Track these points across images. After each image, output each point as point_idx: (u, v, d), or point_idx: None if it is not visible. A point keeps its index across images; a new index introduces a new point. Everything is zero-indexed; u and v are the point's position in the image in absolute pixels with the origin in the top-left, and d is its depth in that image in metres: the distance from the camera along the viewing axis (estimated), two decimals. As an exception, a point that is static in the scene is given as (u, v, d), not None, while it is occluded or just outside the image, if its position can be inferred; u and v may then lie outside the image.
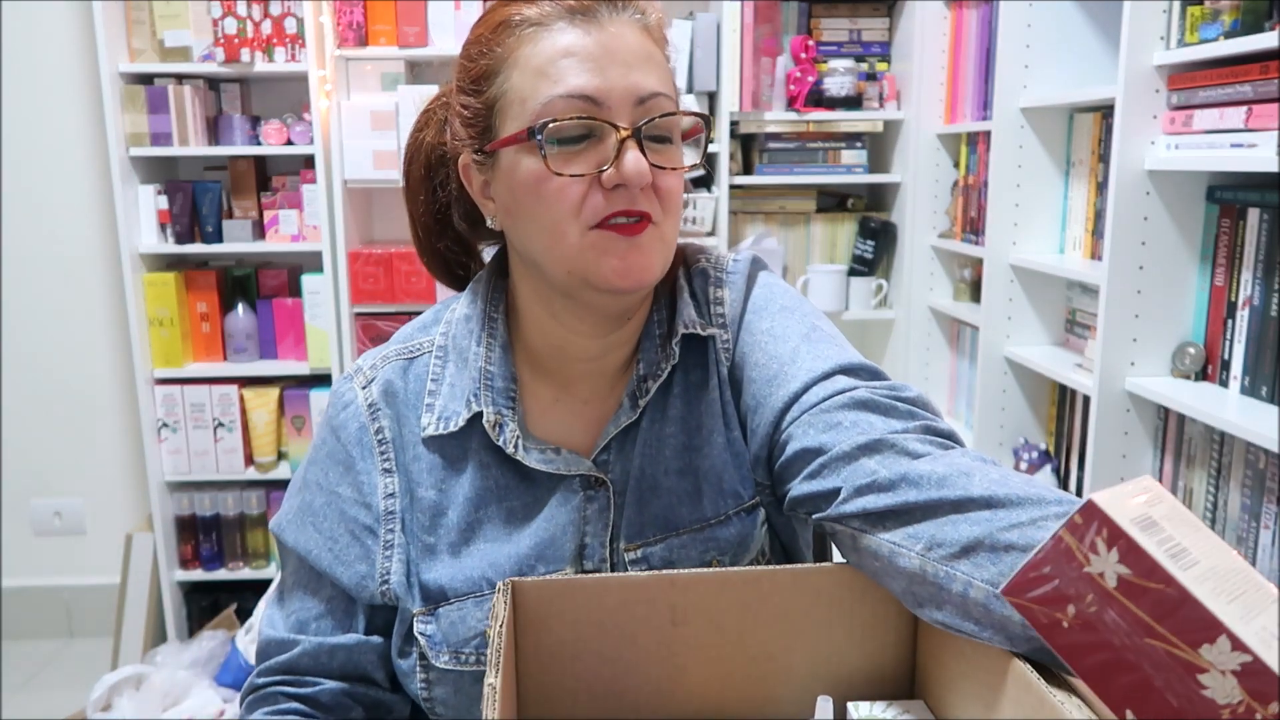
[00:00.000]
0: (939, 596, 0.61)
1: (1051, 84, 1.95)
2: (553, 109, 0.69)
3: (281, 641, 0.80)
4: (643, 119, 0.70)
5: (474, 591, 0.76)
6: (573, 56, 0.69)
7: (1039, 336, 2.07)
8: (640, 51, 0.71)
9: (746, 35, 2.39)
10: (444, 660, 0.75)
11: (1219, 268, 1.53)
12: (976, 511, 0.61)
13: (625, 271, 0.71)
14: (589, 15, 0.70)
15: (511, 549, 0.76)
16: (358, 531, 0.78)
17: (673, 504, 0.78)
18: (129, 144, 2.30)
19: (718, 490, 0.78)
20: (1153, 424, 1.65)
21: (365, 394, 0.80)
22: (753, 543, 0.79)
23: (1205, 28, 1.45)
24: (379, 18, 2.29)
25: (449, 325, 0.82)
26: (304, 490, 0.81)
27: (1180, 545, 0.46)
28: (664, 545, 0.77)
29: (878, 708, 0.67)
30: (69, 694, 2.29)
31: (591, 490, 0.77)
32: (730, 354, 0.80)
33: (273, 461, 2.45)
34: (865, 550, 0.66)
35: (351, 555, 0.78)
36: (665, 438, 0.78)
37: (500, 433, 0.76)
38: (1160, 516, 0.48)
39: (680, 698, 0.68)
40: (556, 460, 0.77)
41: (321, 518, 0.79)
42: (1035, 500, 0.60)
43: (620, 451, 0.78)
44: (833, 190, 2.64)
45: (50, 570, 2.67)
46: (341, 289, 2.38)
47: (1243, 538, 1.45)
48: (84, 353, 2.59)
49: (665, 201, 0.72)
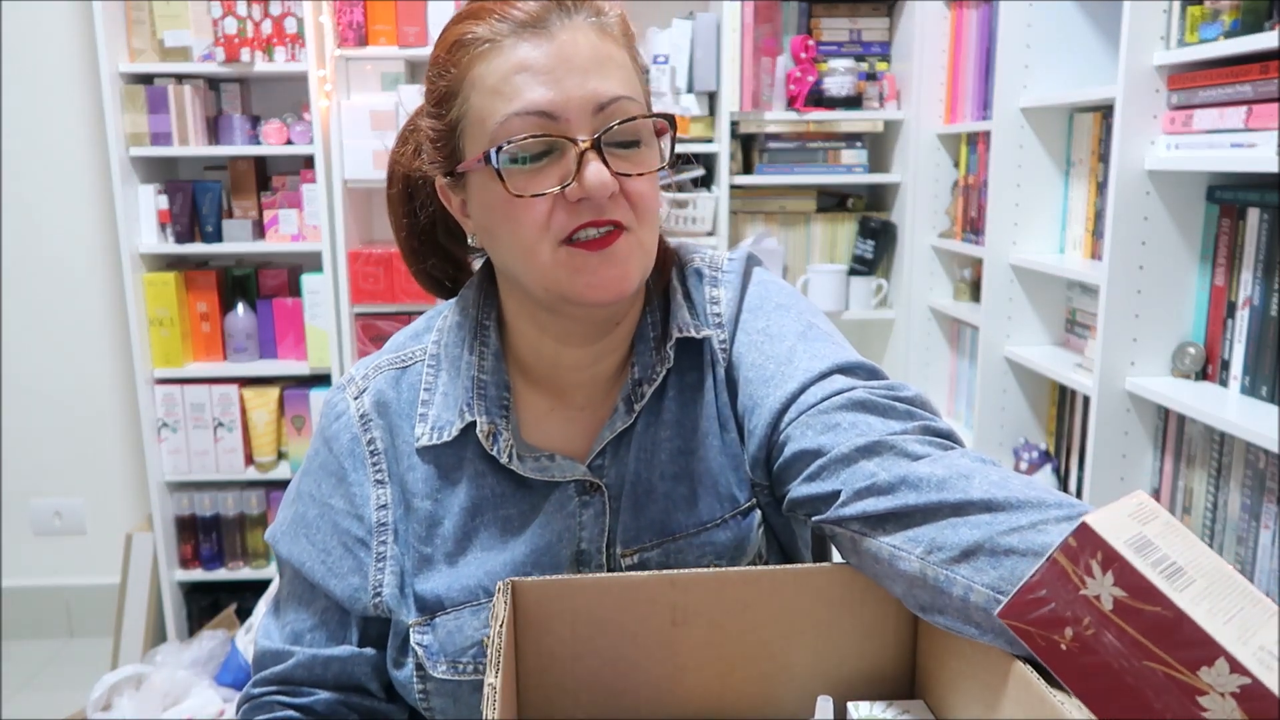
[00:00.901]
0: (940, 601, 0.61)
1: (1051, 84, 1.95)
2: (510, 128, 0.68)
3: (277, 652, 0.80)
4: (603, 126, 0.68)
5: (470, 600, 0.75)
6: (526, 71, 0.68)
7: (1039, 336, 2.07)
8: (597, 55, 0.69)
9: (746, 35, 2.39)
10: (441, 670, 0.75)
11: (1219, 268, 1.53)
12: (976, 515, 0.61)
13: (601, 286, 0.70)
14: (540, 26, 0.68)
15: (508, 557, 0.76)
16: (350, 544, 0.78)
17: (669, 509, 0.77)
18: (129, 144, 2.30)
19: (714, 494, 0.78)
20: (1153, 424, 1.65)
21: (357, 404, 0.79)
22: (749, 545, 0.78)
23: (1205, 28, 1.45)
24: (379, 17, 2.29)
25: (440, 333, 0.81)
26: (297, 501, 0.81)
27: (1175, 564, 0.46)
28: (660, 550, 0.77)
29: (878, 708, 0.67)
30: (69, 694, 2.29)
31: (587, 496, 0.77)
32: (727, 354, 0.80)
33: (273, 461, 2.45)
34: (866, 553, 0.66)
35: (344, 568, 0.78)
36: (660, 442, 0.78)
37: (494, 442, 0.76)
38: (1154, 534, 0.48)
39: (680, 698, 0.68)
40: (551, 467, 0.76)
41: (315, 530, 0.79)
42: (1035, 504, 0.60)
43: (615, 456, 0.78)
44: (833, 190, 2.64)
45: (50, 570, 2.67)
46: (341, 289, 2.38)
47: (1243, 538, 1.45)
48: (84, 353, 2.59)
49: (638, 206, 0.71)
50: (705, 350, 0.79)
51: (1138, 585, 0.46)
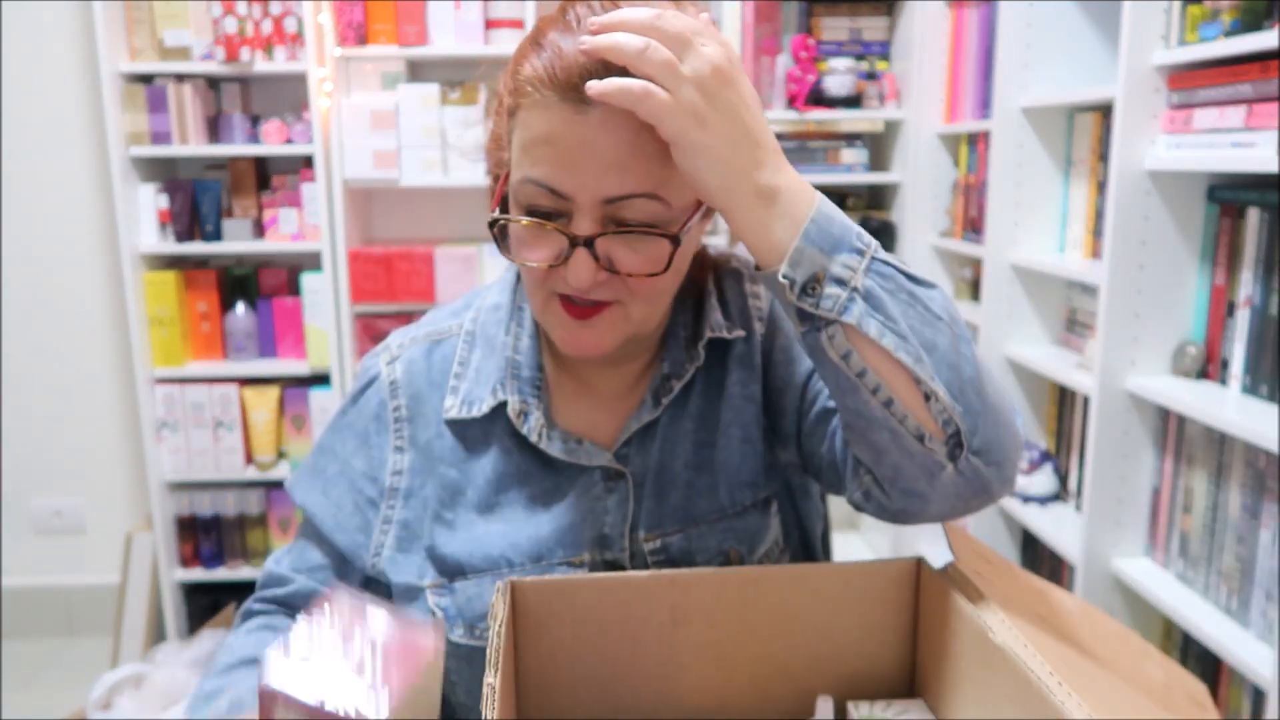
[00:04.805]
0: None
1: (1051, 84, 1.95)
2: (524, 191, 0.67)
3: (281, 577, 0.84)
4: (608, 218, 0.66)
5: (492, 569, 0.77)
6: (551, 145, 0.65)
7: (1039, 336, 2.07)
8: (628, 147, 0.64)
9: (746, 35, 2.39)
10: (458, 634, 0.77)
11: (1219, 267, 1.53)
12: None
13: (575, 344, 0.72)
14: (582, 98, 0.64)
15: (532, 531, 0.78)
16: (361, 504, 0.81)
17: (690, 496, 0.80)
18: (129, 143, 2.30)
19: (734, 482, 0.80)
20: (1153, 424, 1.65)
21: (389, 370, 0.83)
22: (768, 533, 0.81)
23: (1205, 27, 1.45)
24: (379, 17, 2.29)
25: (479, 312, 0.84)
26: (321, 453, 0.85)
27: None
28: (682, 535, 0.79)
29: (878, 707, 0.67)
30: (69, 693, 2.29)
31: (611, 482, 0.79)
32: (767, 345, 0.83)
33: (272, 461, 2.45)
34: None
35: (352, 525, 0.81)
36: (684, 433, 0.80)
37: (525, 421, 0.78)
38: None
39: (680, 697, 0.68)
40: (578, 451, 0.79)
41: (331, 484, 0.82)
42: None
43: (640, 446, 0.80)
44: (833, 189, 2.64)
45: (50, 570, 2.67)
46: (341, 288, 2.38)
47: (1243, 538, 1.45)
48: (84, 352, 2.59)
49: (635, 289, 0.70)
50: (732, 349, 0.82)
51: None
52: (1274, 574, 1.38)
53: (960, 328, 0.64)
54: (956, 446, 0.63)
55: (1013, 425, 0.66)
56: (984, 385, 0.63)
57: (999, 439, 0.64)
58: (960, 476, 0.64)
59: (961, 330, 0.64)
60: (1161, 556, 1.65)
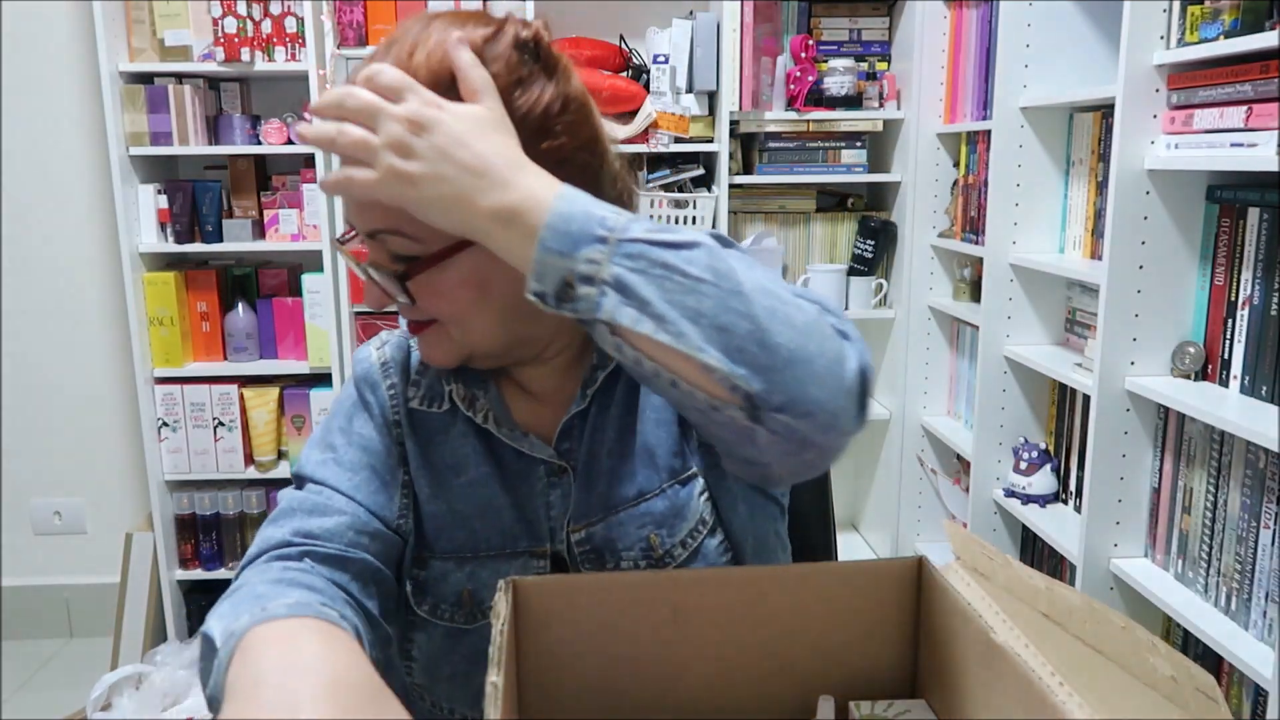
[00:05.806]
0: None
1: (1051, 84, 1.95)
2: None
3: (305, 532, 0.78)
4: (374, 253, 0.74)
5: (455, 553, 0.81)
6: None
7: (1039, 336, 2.07)
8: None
9: (746, 35, 2.39)
10: (425, 610, 0.80)
11: (1219, 267, 1.53)
12: None
13: (422, 355, 0.79)
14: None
15: (494, 522, 0.81)
16: (378, 467, 0.81)
17: (613, 484, 0.81)
18: (129, 143, 2.30)
19: (650, 465, 0.81)
20: (1153, 423, 1.65)
21: (379, 354, 0.86)
22: (688, 513, 0.80)
23: (1205, 27, 1.45)
24: (379, 17, 2.29)
25: None
26: (327, 435, 0.84)
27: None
28: (604, 524, 0.80)
29: (879, 707, 0.67)
30: (69, 693, 2.29)
31: (554, 477, 0.82)
32: None
33: (273, 461, 2.45)
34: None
35: (372, 487, 0.80)
36: (610, 421, 0.82)
37: (473, 407, 0.81)
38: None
39: (681, 697, 0.68)
40: (524, 442, 0.81)
41: (343, 453, 0.82)
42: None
43: (577, 438, 0.82)
44: (833, 189, 2.65)
45: (50, 570, 2.67)
46: (341, 288, 2.38)
47: (1243, 538, 1.45)
48: (84, 352, 2.59)
49: (441, 311, 0.75)
50: None
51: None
52: (1274, 574, 1.38)
53: (731, 280, 0.59)
54: (755, 408, 0.60)
55: (819, 366, 0.60)
56: (769, 335, 0.59)
57: (801, 389, 0.59)
58: (775, 436, 0.62)
59: (732, 283, 0.59)
60: (1161, 556, 1.65)
